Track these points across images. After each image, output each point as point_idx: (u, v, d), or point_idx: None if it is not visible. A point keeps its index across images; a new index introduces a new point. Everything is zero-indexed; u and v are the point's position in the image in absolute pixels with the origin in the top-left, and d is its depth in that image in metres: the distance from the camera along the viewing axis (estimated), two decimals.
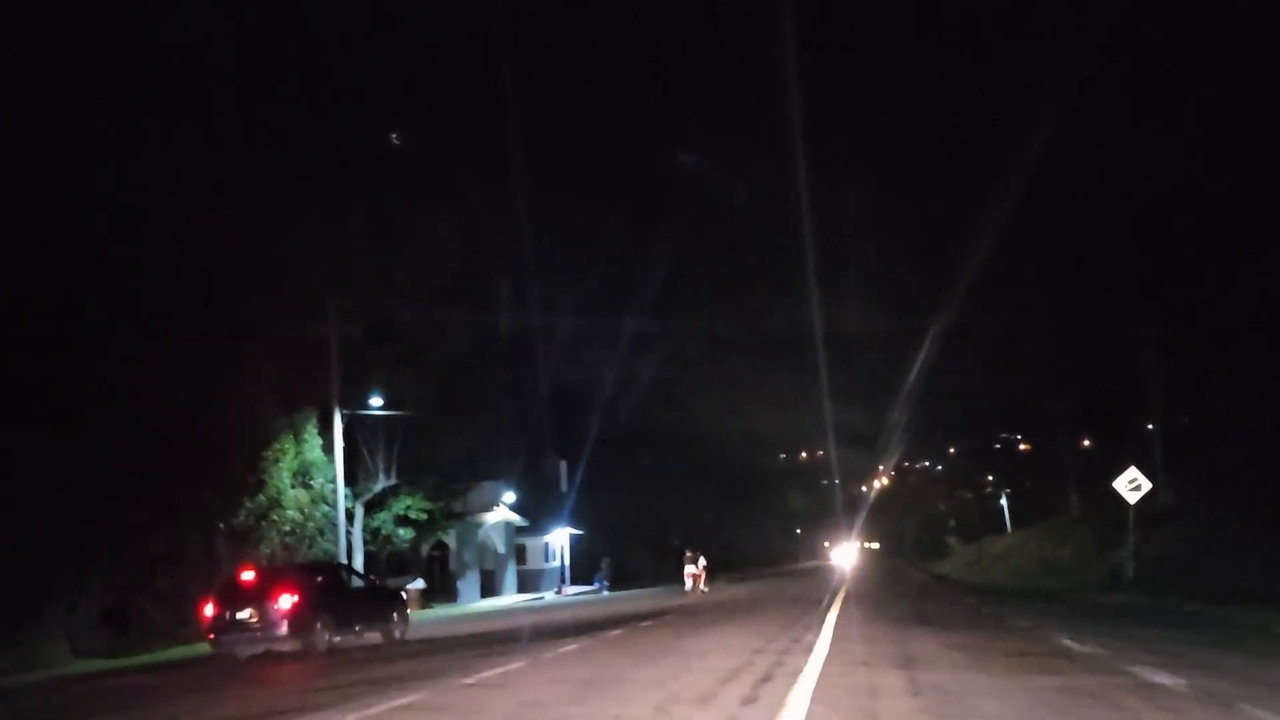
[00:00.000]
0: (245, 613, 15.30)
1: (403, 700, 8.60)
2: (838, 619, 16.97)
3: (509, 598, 38.31)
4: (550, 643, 14.19)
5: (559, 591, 41.43)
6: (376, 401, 27.43)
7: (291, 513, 24.78)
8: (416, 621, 21.50)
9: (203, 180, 21.17)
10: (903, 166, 52.59)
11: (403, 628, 18.45)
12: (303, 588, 15.78)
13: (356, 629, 17.22)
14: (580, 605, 30.75)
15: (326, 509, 26.20)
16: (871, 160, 53.79)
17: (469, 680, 9.96)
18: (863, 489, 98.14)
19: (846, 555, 73.77)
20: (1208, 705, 7.37)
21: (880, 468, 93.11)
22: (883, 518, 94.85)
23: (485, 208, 32.33)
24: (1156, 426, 34.77)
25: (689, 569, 34.87)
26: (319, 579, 17.05)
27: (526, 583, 41.99)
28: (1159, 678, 8.72)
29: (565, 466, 48.77)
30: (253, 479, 22.95)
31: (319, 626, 15.75)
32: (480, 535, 38.62)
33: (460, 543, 36.48)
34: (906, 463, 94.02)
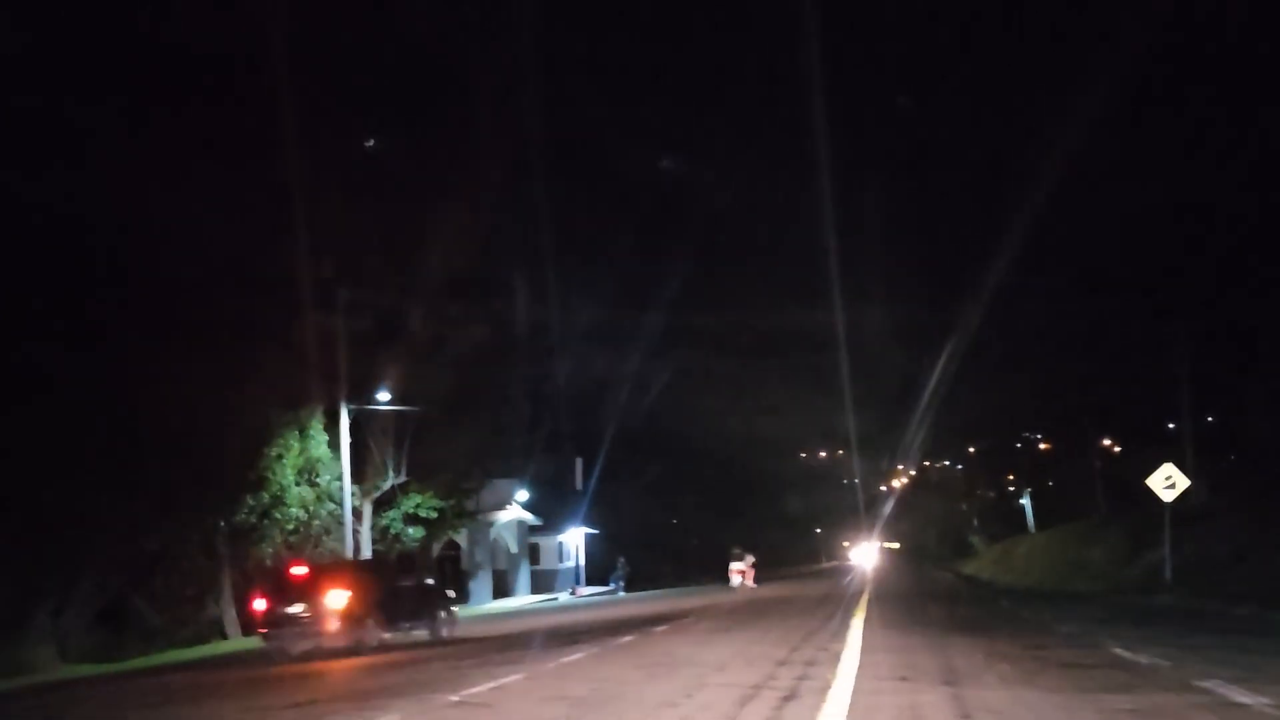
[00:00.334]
0: (297, 608, 15.38)
1: None
2: (865, 624, 15.91)
3: (522, 599, 37.43)
4: (554, 651, 13.26)
5: (573, 592, 40.55)
6: (385, 396, 26.55)
7: (295, 510, 23.95)
8: None
9: (210, 173, 20.59)
10: (928, 161, 51.35)
11: (450, 625, 18.35)
12: (355, 584, 15.82)
13: (405, 626, 17.21)
14: (594, 607, 29.88)
15: (333, 507, 25.43)
16: (895, 154, 52.54)
17: (454, 697, 9.00)
18: (882, 488, 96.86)
19: (867, 555, 72.37)
20: None
21: (900, 467, 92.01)
22: (903, 518, 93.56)
23: (503, 201, 31.51)
24: (1187, 424, 33.68)
25: (735, 565, 34.82)
26: (370, 576, 17.19)
27: (540, 583, 41.06)
28: (1239, 696, 7.63)
29: (581, 464, 47.76)
30: (253, 475, 22.06)
31: (369, 623, 15.86)
32: (492, 534, 37.69)
33: (472, 542, 35.61)
34: (927, 462, 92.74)
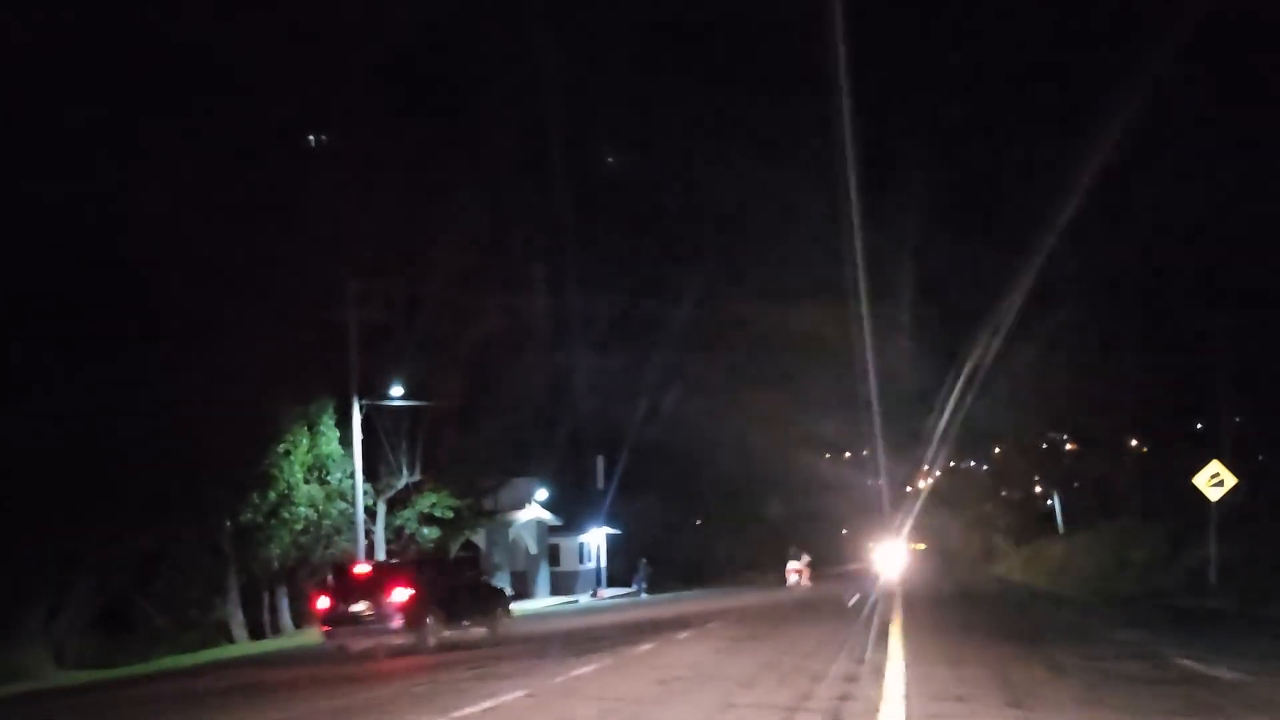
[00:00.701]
0: (360, 605, 15.45)
1: None
2: (905, 630, 14.80)
3: (541, 600, 36.49)
4: (567, 661, 12.22)
5: (595, 594, 39.61)
6: (399, 391, 25.67)
7: (304, 510, 23.11)
8: None
9: (219, 164, 19.93)
10: (962, 157, 50.19)
11: (506, 623, 18.51)
12: (417, 582, 15.93)
13: (464, 624, 17.32)
14: (615, 610, 28.92)
15: (344, 506, 24.52)
16: (929, 148, 51.42)
17: None
18: (907, 489, 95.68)
19: (895, 556, 70.96)
20: None
21: (926, 468, 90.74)
22: (929, 519, 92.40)
23: (524, 194, 30.75)
24: (1226, 421, 32.61)
25: (792, 565, 34.87)
26: (433, 574, 17.32)
27: (560, 585, 40.11)
28: None
29: (603, 463, 46.76)
30: (257, 473, 21.22)
31: (430, 621, 15.91)
32: (511, 535, 36.80)
33: (490, 542, 34.70)
34: (953, 462, 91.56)
